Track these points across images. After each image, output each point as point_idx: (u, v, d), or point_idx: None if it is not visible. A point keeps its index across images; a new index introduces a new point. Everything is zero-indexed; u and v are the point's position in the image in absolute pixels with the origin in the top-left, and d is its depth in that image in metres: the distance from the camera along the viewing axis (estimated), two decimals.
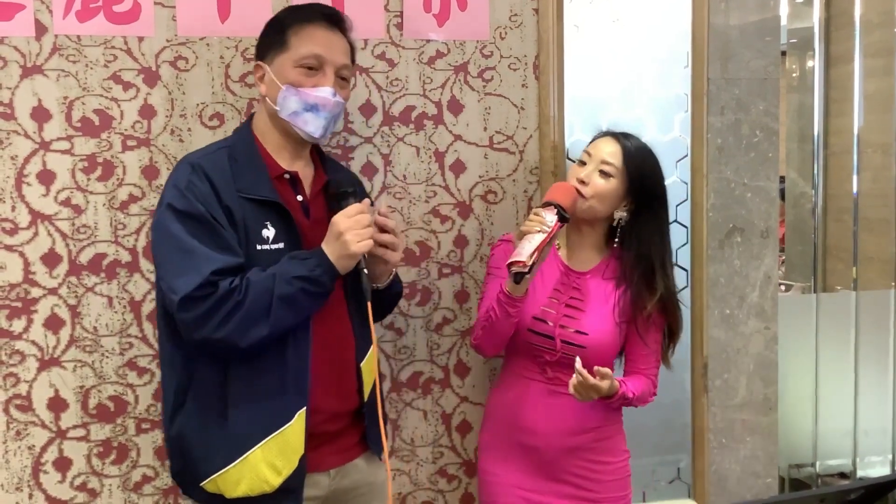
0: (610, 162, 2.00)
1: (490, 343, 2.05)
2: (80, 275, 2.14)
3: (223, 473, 1.75)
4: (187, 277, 1.66)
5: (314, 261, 1.73)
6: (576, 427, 2.05)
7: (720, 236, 2.51)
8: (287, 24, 1.83)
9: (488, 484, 2.13)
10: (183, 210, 1.71)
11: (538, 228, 1.90)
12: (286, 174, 1.85)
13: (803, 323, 3.33)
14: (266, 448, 1.75)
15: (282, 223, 1.79)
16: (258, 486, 1.75)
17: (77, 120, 2.11)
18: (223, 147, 1.85)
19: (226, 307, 1.66)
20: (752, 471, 2.60)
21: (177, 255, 1.70)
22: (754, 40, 2.49)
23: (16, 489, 2.15)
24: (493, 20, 2.33)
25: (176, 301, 1.67)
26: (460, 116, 2.33)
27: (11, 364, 2.12)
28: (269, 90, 1.83)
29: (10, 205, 2.09)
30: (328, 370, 1.84)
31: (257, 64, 1.86)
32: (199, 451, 1.78)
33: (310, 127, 1.82)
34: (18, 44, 2.07)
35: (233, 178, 1.77)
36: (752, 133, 2.51)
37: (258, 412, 1.75)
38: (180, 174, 1.76)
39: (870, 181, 3.59)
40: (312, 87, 1.81)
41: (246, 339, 1.69)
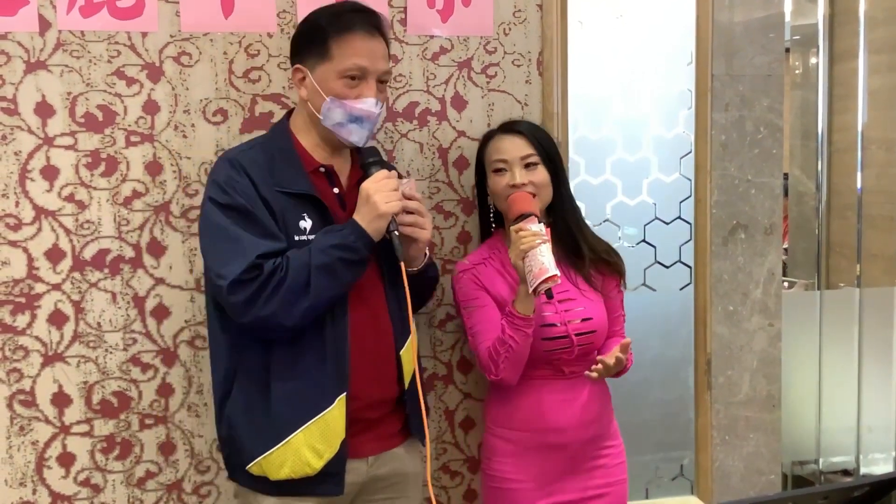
0: (528, 153, 2.04)
1: (515, 372, 2.01)
2: (84, 270, 2.14)
3: (267, 456, 1.81)
4: (235, 263, 1.74)
5: (347, 230, 1.79)
6: (594, 415, 2.09)
7: (724, 233, 2.51)
8: (328, 31, 1.83)
9: (509, 492, 2.08)
10: (225, 203, 1.79)
11: (539, 241, 1.90)
12: (322, 167, 1.90)
13: (807, 320, 3.32)
14: (308, 432, 1.80)
15: (318, 215, 1.85)
16: (301, 468, 1.81)
17: (81, 115, 2.11)
18: (260, 143, 1.91)
19: (270, 285, 1.73)
20: (756, 468, 2.60)
21: (224, 243, 1.78)
22: (758, 37, 2.49)
23: (20, 484, 2.15)
24: (496, 16, 2.33)
25: (225, 286, 1.74)
26: (464, 112, 2.33)
27: (15, 359, 2.12)
28: (312, 97, 1.86)
29: (13, 200, 2.09)
30: (367, 358, 1.88)
31: (297, 67, 1.88)
32: (245, 436, 1.85)
33: (354, 137, 1.87)
34: (22, 39, 2.07)
35: (269, 173, 1.83)
36: (756, 130, 2.51)
37: (299, 397, 1.81)
38: (220, 170, 1.84)
39: (874, 178, 3.59)
40: (356, 97, 1.84)
41: (291, 315, 1.75)
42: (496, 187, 2.07)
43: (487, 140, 2.13)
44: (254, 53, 2.18)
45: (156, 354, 2.19)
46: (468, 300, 2.09)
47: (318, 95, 1.84)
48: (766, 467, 2.61)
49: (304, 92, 1.88)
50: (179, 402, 2.21)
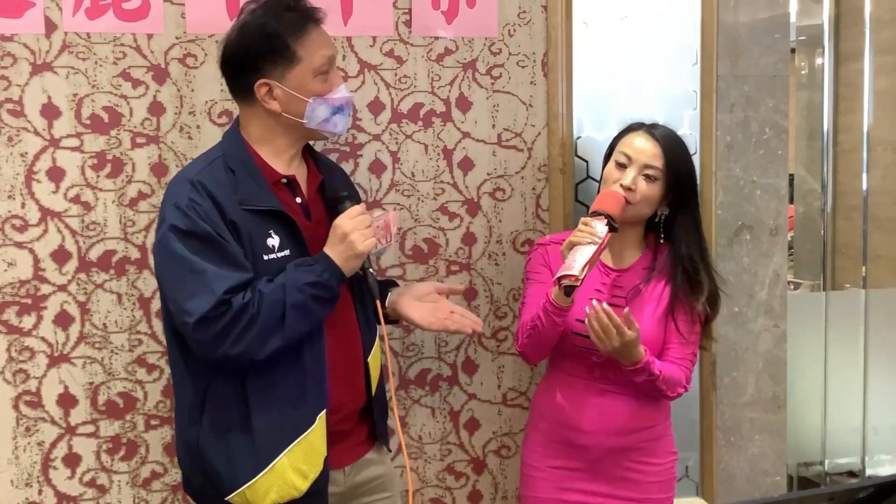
0: (653, 165, 1.97)
1: (535, 351, 2.03)
2: (90, 271, 2.14)
3: (252, 485, 1.73)
4: (201, 298, 1.64)
5: (320, 266, 1.72)
6: (625, 427, 2.04)
7: (729, 234, 2.50)
8: (285, 35, 1.74)
9: (532, 478, 2.12)
10: (187, 230, 1.68)
11: (589, 240, 1.86)
12: (283, 178, 1.82)
13: (812, 321, 3.32)
14: (292, 454, 1.74)
15: (285, 230, 1.77)
16: (287, 492, 1.75)
17: (86, 117, 2.12)
18: (217, 157, 1.79)
19: (241, 323, 1.65)
20: (761, 469, 2.59)
21: (187, 276, 1.67)
22: (764, 37, 2.48)
23: (25, 485, 2.16)
24: (501, 17, 2.33)
25: (191, 323, 1.65)
26: (469, 114, 2.33)
27: (21, 360, 2.13)
28: (289, 106, 1.77)
29: (19, 202, 2.10)
30: (341, 370, 1.85)
31: (262, 82, 1.75)
32: (222, 466, 1.75)
33: (339, 127, 1.85)
34: (28, 41, 2.08)
35: (233, 190, 1.74)
36: (762, 130, 2.50)
37: (281, 419, 1.74)
38: (180, 192, 1.72)
39: (879, 179, 3.58)
40: (331, 90, 1.80)
41: (263, 351, 1.68)
42: (609, 176, 2.02)
43: (630, 130, 2.05)
44: None
45: (161, 355, 2.19)
46: (530, 272, 2.11)
47: (297, 101, 1.77)
48: (772, 468, 2.60)
49: (275, 105, 1.76)
50: None
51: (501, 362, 2.40)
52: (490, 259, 2.37)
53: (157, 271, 1.78)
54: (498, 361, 2.41)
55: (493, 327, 2.39)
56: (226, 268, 1.67)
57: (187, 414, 1.79)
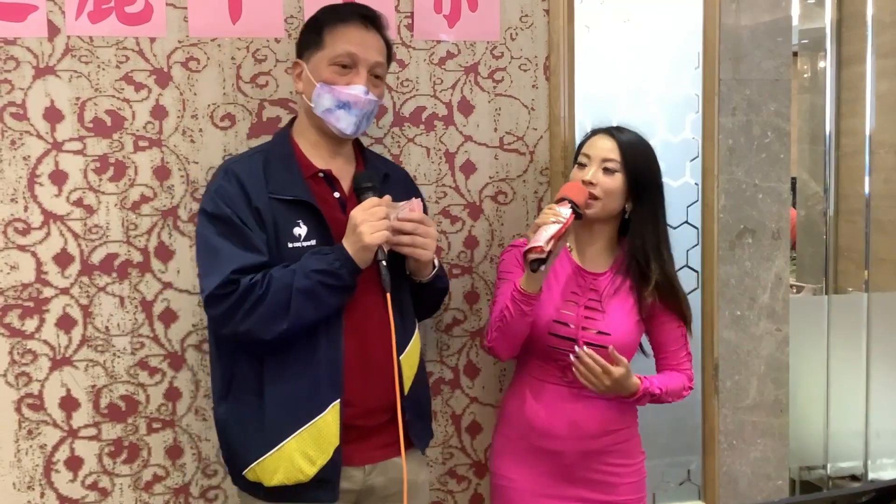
0: (610, 158, 2.02)
1: (505, 345, 2.03)
2: (92, 275, 2.15)
3: (261, 462, 1.82)
4: (212, 276, 1.76)
5: (333, 255, 1.78)
6: (597, 430, 2.05)
7: (731, 237, 2.50)
8: (323, 23, 1.89)
9: (504, 489, 2.11)
10: (212, 213, 1.81)
11: (553, 219, 1.90)
12: (320, 172, 1.90)
13: (815, 324, 3.32)
14: (300, 438, 1.81)
15: (313, 221, 1.84)
16: (293, 475, 1.81)
17: (89, 120, 2.12)
18: (259, 151, 1.92)
19: (248, 302, 1.73)
20: (763, 473, 2.59)
21: (206, 255, 1.81)
22: (765, 41, 2.48)
23: (28, 488, 2.16)
24: (503, 21, 2.33)
25: (203, 298, 1.79)
26: (471, 117, 2.34)
27: (24, 363, 2.13)
28: (306, 87, 1.90)
29: (22, 205, 2.10)
30: (364, 364, 1.87)
31: (295, 62, 1.93)
32: (239, 441, 1.86)
33: (342, 124, 1.88)
34: (31, 45, 2.08)
35: (265, 180, 1.84)
36: (764, 134, 2.50)
37: (292, 403, 1.81)
38: (214, 179, 1.88)
39: (881, 182, 3.58)
40: (345, 84, 1.86)
41: (269, 332, 1.75)
42: (573, 178, 2.07)
43: (588, 136, 2.11)
44: (261, 58, 2.19)
45: (163, 358, 2.19)
46: (503, 272, 2.11)
47: (310, 83, 1.88)
48: (774, 472, 2.60)
49: (299, 85, 1.91)
50: (187, 406, 2.21)
51: (503, 366, 2.40)
52: (492, 262, 2.37)
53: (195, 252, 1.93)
54: (500, 365, 2.40)
55: None
56: (240, 249, 1.77)
57: (218, 388, 1.91)
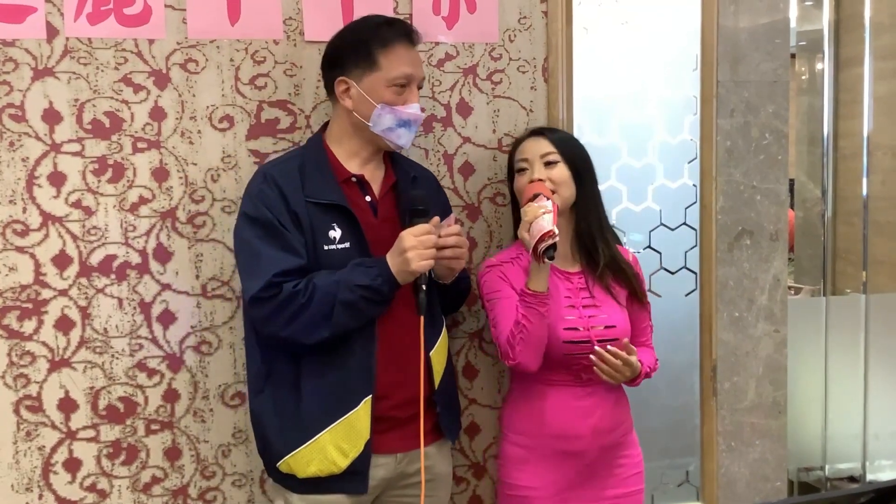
0: (548, 151, 2.07)
1: (532, 355, 1.98)
2: (91, 276, 2.14)
3: (295, 454, 1.91)
4: (255, 279, 1.84)
5: (376, 270, 1.86)
6: (611, 424, 2.10)
7: (729, 239, 2.51)
8: (371, 43, 1.93)
9: (523, 500, 2.09)
10: (253, 216, 1.89)
11: (542, 210, 1.93)
12: (353, 177, 1.98)
13: (813, 326, 3.32)
14: (334, 431, 1.89)
15: (347, 224, 1.92)
16: (327, 467, 1.90)
17: (88, 122, 2.12)
18: (295, 156, 2.00)
19: (290, 308, 1.82)
20: (762, 474, 2.59)
21: (248, 258, 1.89)
22: (764, 43, 2.49)
23: (26, 490, 2.16)
24: (501, 23, 2.33)
25: (247, 300, 1.87)
26: (469, 119, 2.34)
27: (22, 365, 2.13)
28: (359, 106, 1.95)
29: (21, 206, 2.10)
30: (395, 359, 1.95)
31: (342, 79, 1.95)
32: (274, 434, 1.94)
33: (402, 140, 1.98)
34: (30, 46, 2.08)
35: (301, 184, 1.91)
36: (762, 136, 2.50)
37: (326, 398, 1.90)
38: (254, 183, 1.95)
39: (879, 184, 3.59)
40: (403, 104, 1.95)
41: (310, 338, 1.85)
42: (519, 185, 2.10)
43: (515, 145, 2.16)
44: (260, 60, 2.19)
45: (162, 360, 2.19)
46: (491, 292, 2.09)
47: (367, 104, 1.93)
48: (772, 474, 2.60)
49: (348, 102, 1.96)
50: (185, 408, 2.21)
51: (501, 367, 2.40)
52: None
53: (234, 253, 2.03)
54: (498, 366, 2.40)
55: None
56: (280, 252, 1.85)
57: (253, 384, 1.98)
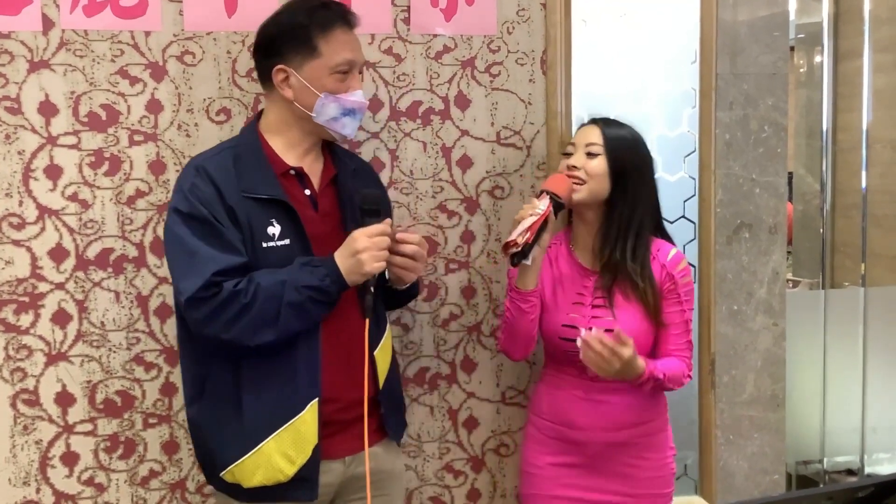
0: (593, 142, 2.04)
1: (514, 345, 2.07)
2: (88, 270, 2.14)
3: (239, 464, 1.80)
4: (192, 279, 1.72)
5: (324, 270, 1.76)
6: (621, 422, 2.07)
7: (728, 232, 2.50)
8: (312, 29, 1.83)
9: (532, 476, 2.15)
10: (187, 212, 1.76)
11: (529, 213, 1.93)
12: (291, 170, 1.88)
13: (811, 319, 3.32)
14: (279, 438, 1.79)
15: (287, 220, 1.82)
16: (273, 475, 1.80)
17: (84, 115, 2.11)
18: (228, 147, 1.88)
19: (232, 309, 1.71)
20: (760, 467, 2.59)
21: (182, 256, 1.76)
22: (763, 35, 2.48)
23: (23, 483, 2.15)
24: (500, 15, 2.32)
25: (183, 301, 1.73)
26: (467, 111, 2.33)
27: (19, 359, 2.13)
28: (300, 96, 1.84)
29: (17, 199, 2.09)
30: (339, 360, 1.86)
31: (280, 67, 1.84)
32: (216, 443, 1.84)
33: (347, 129, 1.89)
34: (25, 38, 2.07)
35: (237, 178, 1.80)
36: (761, 128, 2.50)
37: (270, 404, 1.80)
38: (185, 177, 1.81)
39: (878, 177, 3.59)
40: (346, 91, 1.85)
41: (254, 340, 1.74)
42: (560, 168, 2.09)
43: (578, 129, 2.15)
44: None
45: (159, 353, 2.19)
46: (512, 279, 2.11)
47: (309, 93, 1.83)
48: (771, 467, 2.60)
49: (288, 92, 1.84)
50: (182, 402, 2.21)
51: (500, 361, 2.40)
52: (489, 257, 2.37)
53: (165, 252, 1.87)
54: (497, 360, 2.40)
55: (492, 326, 2.39)
56: (219, 251, 1.74)
57: (190, 388, 1.88)
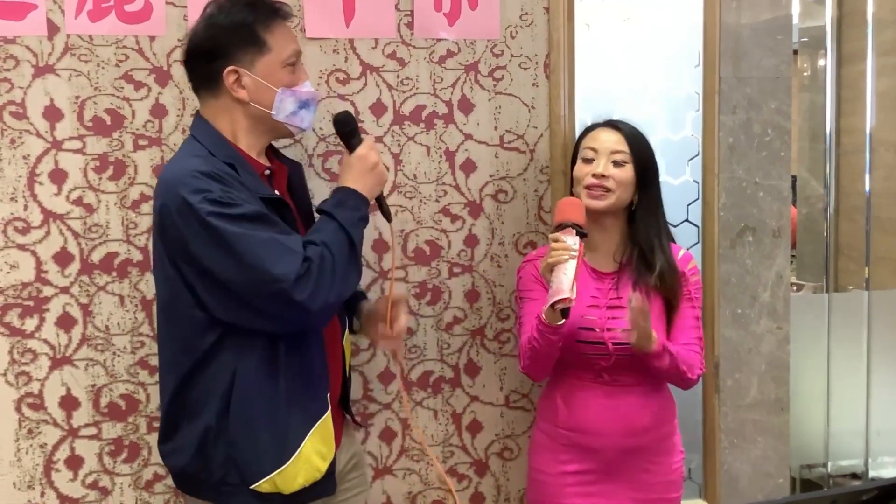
0: (620, 150, 2.03)
1: (539, 370, 2.05)
2: (92, 274, 2.14)
3: (282, 471, 1.76)
4: (287, 262, 1.65)
5: (355, 200, 1.80)
6: (635, 426, 2.06)
7: (732, 236, 2.50)
8: (255, 25, 1.77)
9: (542, 484, 2.13)
10: (236, 215, 1.66)
11: (566, 256, 1.87)
12: (267, 170, 1.87)
13: (815, 323, 3.31)
14: (313, 438, 1.80)
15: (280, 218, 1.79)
16: (312, 475, 1.80)
17: (89, 119, 2.12)
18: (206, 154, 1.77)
19: (327, 270, 1.69)
20: (764, 471, 2.59)
21: (262, 248, 1.65)
22: (766, 39, 2.48)
23: (28, 487, 2.16)
24: (503, 19, 2.33)
25: (287, 286, 1.64)
26: (471, 115, 2.33)
27: (24, 363, 2.13)
28: (257, 95, 1.78)
29: (22, 204, 2.10)
30: (330, 354, 1.90)
31: (231, 69, 1.76)
32: (248, 455, 1.76)
33: (304, 123, 1.87)
34: (30, 43, 2.08)
35: (240, 182, 1.75)
36: (764, 132, 2.50)
37: (301, 406, 1.79)
38: (207, 184, 1.67)
39: (882, 180, 3.58)
40: (300, 83, 1.84)
41: (348, 290, 1.79)
42: (579, 174, 2.06)
43: (587, 131, 2.12)
44: None
45: None
46: (523, 291, 2.12)
47: (266, 90, 1.78)
48: (775, 471, 2.60)
49: (243, 93, 1.77)
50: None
51: (504, 364, 2.40)
52: (492, 261, 2.37)
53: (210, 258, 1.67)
54: (500, 363, 2.40)
55: (496, 329, 2.39)
56: (285, 232, 1.72)
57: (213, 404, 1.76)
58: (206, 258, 1.67)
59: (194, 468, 1.81)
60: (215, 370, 1.77)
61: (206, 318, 1.74)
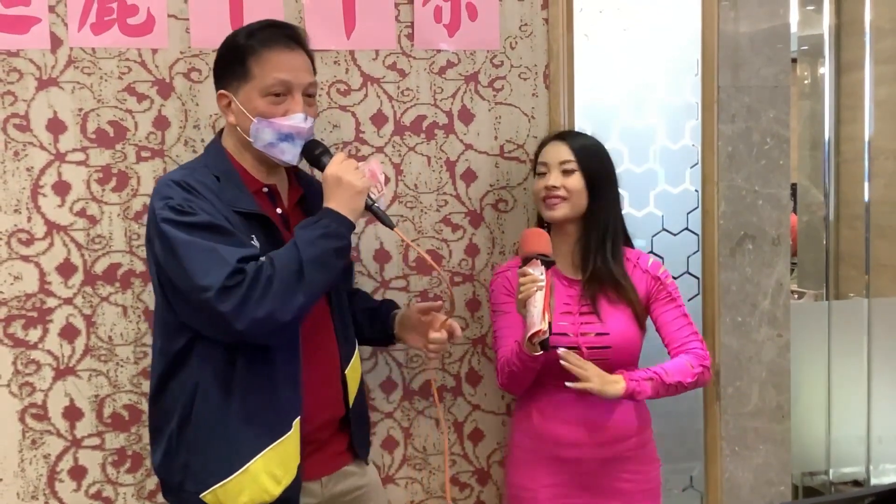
0: (566, 160, 2.07)
1: (517, 388, 2.08)
2: (95, 285, 2.15)
3: (224, 485, 1.75)
4: (215, 271, 1.63)
5: (325, 219, 1.73)
6: (613, 437, 2.06)
7: (731, 244, 2.51)
8: (245, 51, 1.78)
9: (523, 500, 2.11)
10: (189, 223, 1.68)
11: (535, 288, 1.88)
12: (265, 188, 1.86)
13: (816, 330, 3.32)
14: (266, 458, 1.76)
15: (266, 236, 1.79)
16: (259, 496, 1.76)
17: (92, 131, 2.13)
18: (200, 166, 1.83)
19: (260, 283, 1.64)
20: (766, 479, 2.59)
21: (197, 256, 1.65)
22: (764, 48, 2.49)
23: (31, 497, 2.16)
24: (503, 30, 2.34)
25: (212, 296, 1.63)
26: (471, 126, 2.34)
27: (27, 373, 2.14)
28: (239, 120, 1.80)
29: (25, 216, 2.11)
30: (316, 380, 1.86)
31: (221, 93, 1.82)
32: (199, 464, 1.77)
33: (286, 156, 1.82)
34: (34, 56, 2.09)
35: (218, 194, 1.76)
36: (763, 140, 2.51)
37: (257, 421, 1.76)
38: (170, 193, 1.72)
39: (882, 188, 3.59)
40: (283, 115, 1.78)
41: (287, 310, 1.66)
42: (535, 188, 2.13)
43: (541, 147, 2.16)
44: None
45: None
46: (496, 304, 2.13)
47: (245, 118, 1.79)
48: (776, 478, 2.60)
49: (231, 117, 1.81)
50: None
51: None
52: (493, 270, 2.37)
53: (162, 266, 1.71)
54: None
55: None
56: (234, 245, 1.68)
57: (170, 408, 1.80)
58: (162, 261, 1.72)
59: (163, 472, 1.85)
60: (184, 377, 1.79)
61: (175, 321, 1.77)
